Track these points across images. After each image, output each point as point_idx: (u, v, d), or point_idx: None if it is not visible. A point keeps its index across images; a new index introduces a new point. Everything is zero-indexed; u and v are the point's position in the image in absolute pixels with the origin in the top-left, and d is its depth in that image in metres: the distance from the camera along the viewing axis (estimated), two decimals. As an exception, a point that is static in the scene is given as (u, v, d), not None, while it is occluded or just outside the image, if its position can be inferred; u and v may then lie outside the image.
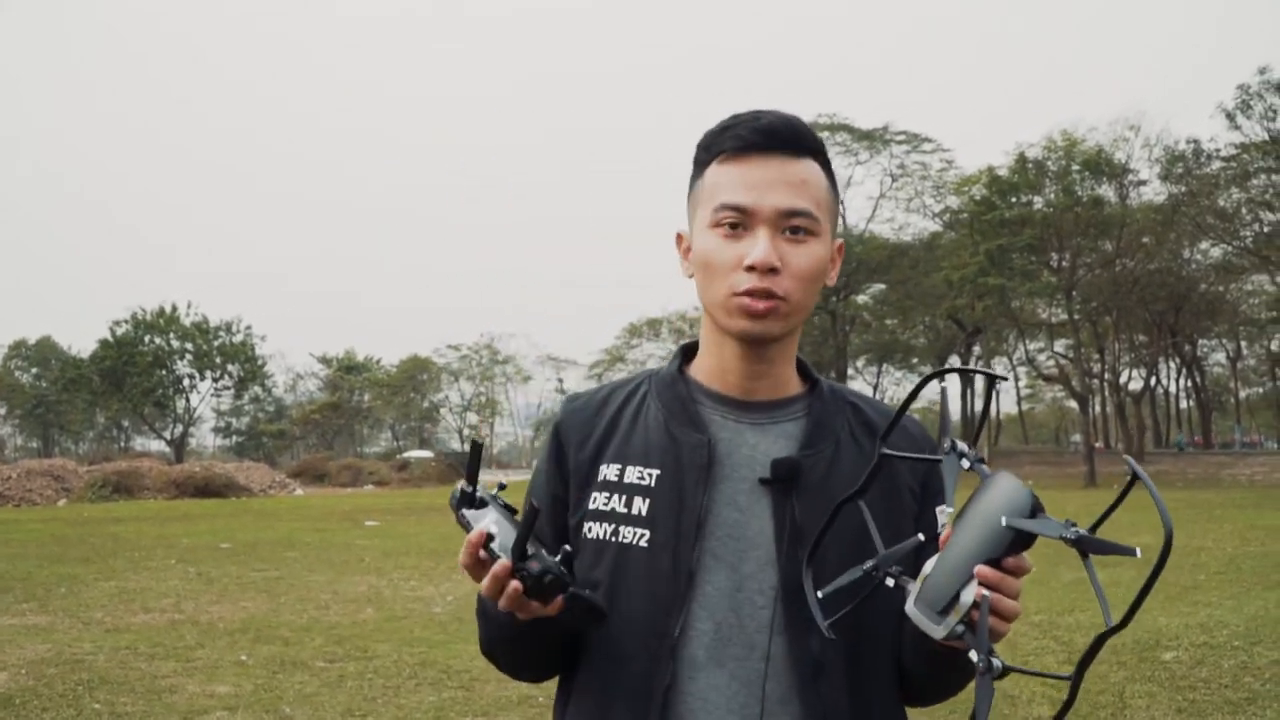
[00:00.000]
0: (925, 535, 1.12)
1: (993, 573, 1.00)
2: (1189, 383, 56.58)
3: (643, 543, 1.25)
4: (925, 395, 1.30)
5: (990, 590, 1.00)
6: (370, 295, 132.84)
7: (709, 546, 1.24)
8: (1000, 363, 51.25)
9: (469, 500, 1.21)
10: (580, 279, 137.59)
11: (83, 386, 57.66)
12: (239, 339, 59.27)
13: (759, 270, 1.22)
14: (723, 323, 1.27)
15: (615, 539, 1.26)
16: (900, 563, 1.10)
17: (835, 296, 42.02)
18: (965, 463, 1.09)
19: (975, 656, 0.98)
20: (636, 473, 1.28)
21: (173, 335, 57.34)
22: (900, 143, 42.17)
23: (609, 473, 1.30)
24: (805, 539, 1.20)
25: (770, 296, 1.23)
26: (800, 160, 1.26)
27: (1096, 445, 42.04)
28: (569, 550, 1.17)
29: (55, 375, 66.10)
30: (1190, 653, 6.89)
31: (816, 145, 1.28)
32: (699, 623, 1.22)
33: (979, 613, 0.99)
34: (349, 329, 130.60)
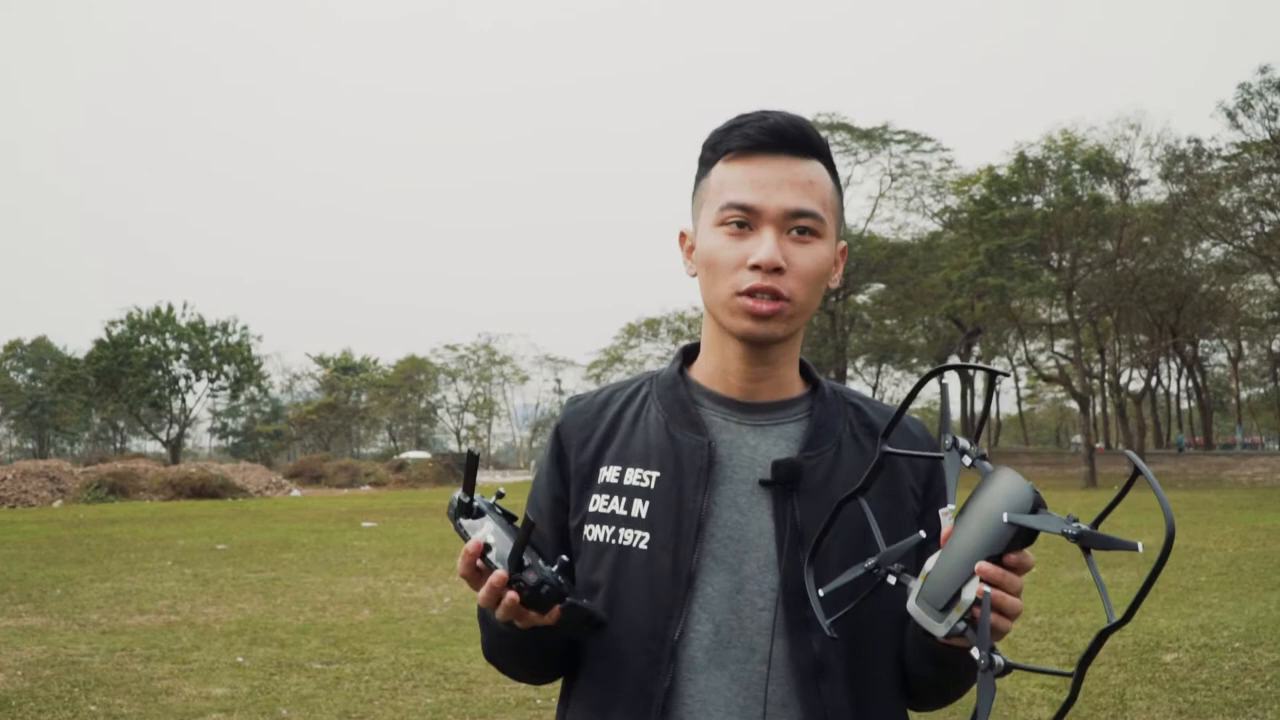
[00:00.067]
0: (928, 536, 1.12)
1: (994, 569, 1.00)
2: (1190, 383, 56.58)
3: (642, 545, 1.25)
4: (925, 396, 1.28)
5: (992, 587, 1.00)
6: (367, 296, 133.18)
7: (709, 548, 1.24)
8: (1000, 363, 51.30)
9: (466, 510, 1.22)
10: (578, 279, 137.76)
11: (78, 387, 57.39)
12: (235, 339, 59.08)
13: (764, 269, 1.22)
14: (725, 323, 1.27)
15: (615, 541, 1.26)
16: (902, 561, 1.11)
17: (834, 296, 41.96)
18: (966, 459, 1.09)
19: (977, 653, 0.98)
20: (636, 475, 1.28)
21: (168, 335, 57.12)
22: (900, 142, 42.05)
23: (609, 475, 1.30)
24: (806, 541, 1.20)
25: (775, 298, 1.22)
26: (807, 161, 1.26)
27: (1097, 446, 42.02)
28: (566, 560, 1.18)
29: (50, 376, 65.79)
30: (1191, 654, 6.88)
31: (822, 147, 1.28)
32: (699, 625, 1.22)
33: (980, 610, 0.99)
34: (346, 329, 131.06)
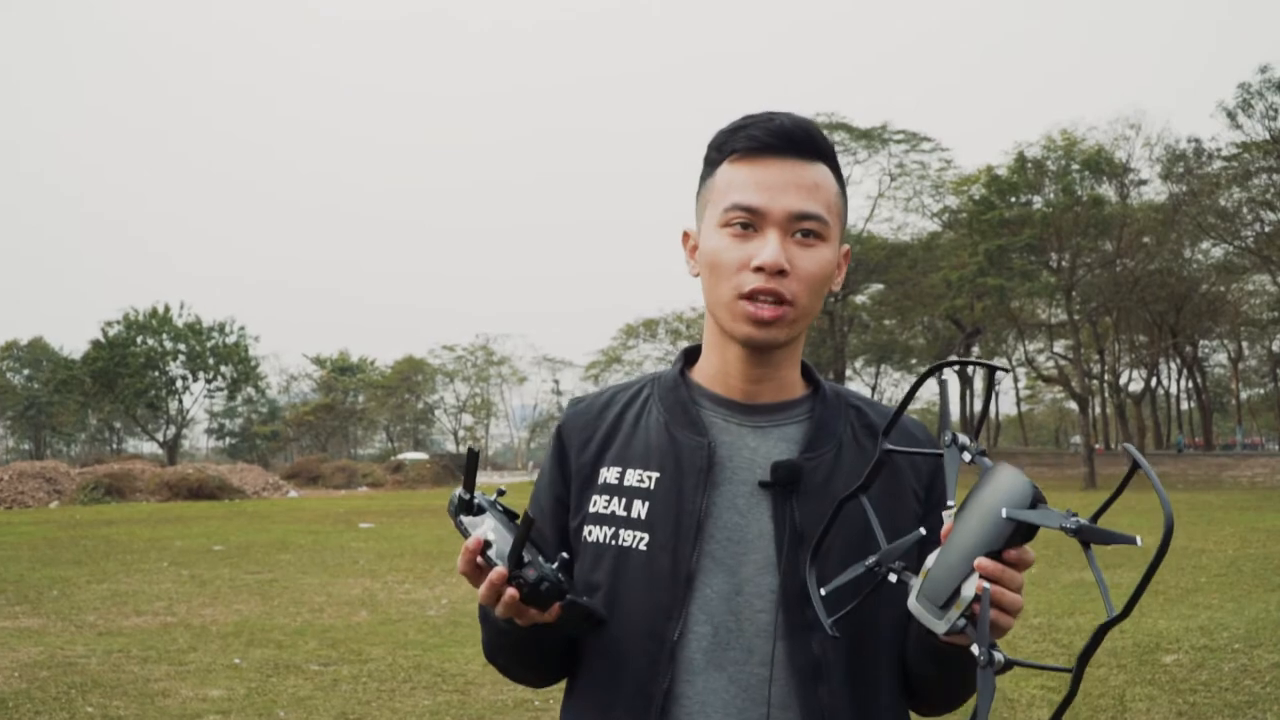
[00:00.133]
0: (929, 534, 1.12)
1: (994, 565, 1.00)
2: (1190, 384, 56.54)
3: (641, 546, 1.24)
4: (924, 396, 1.27)
5: (991, 583, 1.00)
6: (366, 296, 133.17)
7: (708, 550, 1.23)
8: (999, 363, 51.04)
9: (467, 507, 1.22)
10: (578, 279, 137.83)
11: (75, 388, 57.22)
12: (232, 340, 59.03)
13: (768, 272, 1.21)
14: (727, 326, 1.27)
15: (615, 542, 1.26)
16: (903, 559, 1.11)
17: (834, 297, 41.94)
18: (966, 455, 1.08)
19: (976, 650, 0.97)
20: (636, 476, 1.28)
21: (165, 336, 57.03)
22: (899, 142, 42.01)
23: (609, 475, 1.30)
24: (805, 542, 1.20)
25: (778, 301, 1.22)
26: (812, 164, 1.26)
27: (1096, 447, 42.01)
28: (566, 557, 1.18)
29: (47, 376, 65.64)
30: (1190, 656, 6.86)
31: (828, 150, 1.28)
32: (697, 626, 1.22)
33: (980, 606, 0.99)
34: (345, 329, 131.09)
